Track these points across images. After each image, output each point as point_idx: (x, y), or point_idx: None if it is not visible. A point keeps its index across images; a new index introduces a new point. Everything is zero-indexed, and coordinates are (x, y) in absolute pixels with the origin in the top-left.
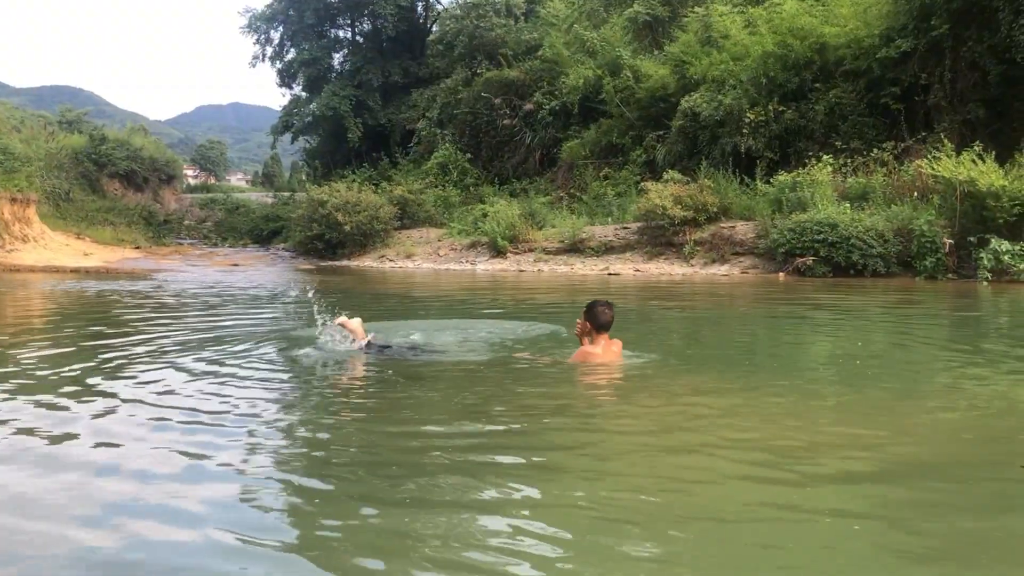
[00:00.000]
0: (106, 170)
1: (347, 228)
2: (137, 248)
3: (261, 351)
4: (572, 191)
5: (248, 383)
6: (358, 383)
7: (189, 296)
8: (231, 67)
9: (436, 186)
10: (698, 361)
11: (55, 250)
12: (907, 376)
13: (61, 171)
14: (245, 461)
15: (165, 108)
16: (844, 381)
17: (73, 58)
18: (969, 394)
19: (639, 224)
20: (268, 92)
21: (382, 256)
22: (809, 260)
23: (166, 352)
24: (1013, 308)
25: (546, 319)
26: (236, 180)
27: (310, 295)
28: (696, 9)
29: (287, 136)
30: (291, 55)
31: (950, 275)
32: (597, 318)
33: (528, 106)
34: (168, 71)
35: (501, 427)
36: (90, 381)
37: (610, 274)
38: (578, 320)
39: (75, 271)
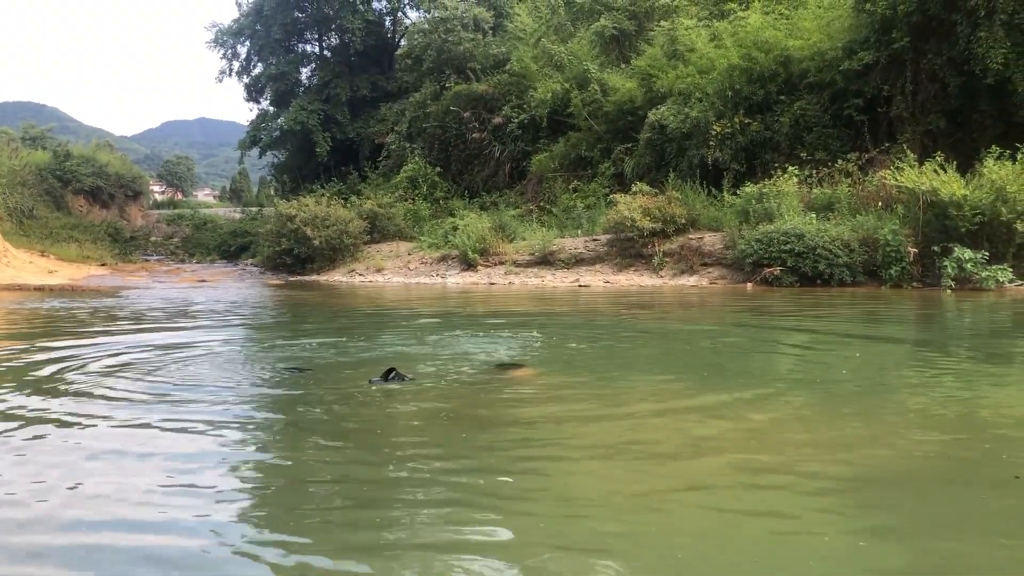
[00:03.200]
0: (71, 187)
1: (316, 243)
2: (103, 265)
3: (224, 371)
4: (542, 204)
5: (209, 404)
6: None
7: (153, 313)
8: (198, 82)
9: (406, 200)
10: (666, 373)
11: (18, 268)
12: (875, 387)
13: (25, 188)
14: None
15: (131, 124)
16: (813, 391)
17: (36, 74)
18: (936, 405)
19: (608, 236)
20: (235, 107)
21: (352, 270)
22: (776, 270)
23: (123, 372)
24: (976, 316)
25: (514, 329)
26: (203, 195)
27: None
28: (662, 23)
29: (255, 151)
30: (258, 70)
31: (915, 283)
32: None
33: (497, 120)
34: (134, 86)
35: (469, 447)
36: (35, 404)
37: (580, 286)
38: None
39: (39, 289)
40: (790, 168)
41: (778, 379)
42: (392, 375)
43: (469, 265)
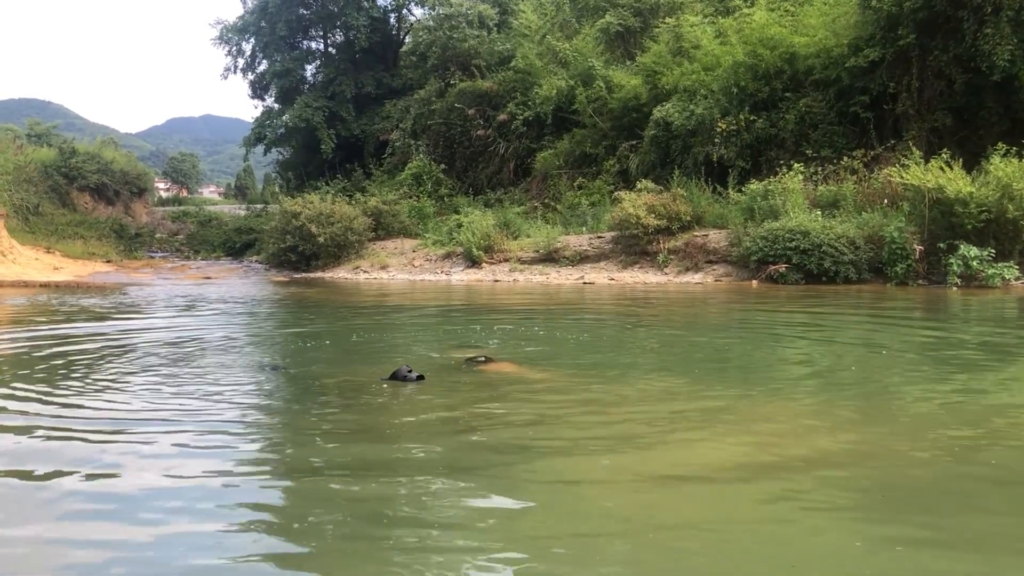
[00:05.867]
0: (76, 183)
1: (321, 240)
2: (108, 262)
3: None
4: (546, 201)
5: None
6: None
7: (154, 308)
8: (202, 79)
9: (410, 197)
10: (670, 371)
11: (24, 264)
12: (884, 386)
13: (30, 185)
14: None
15: (136, 121)
16: (822, 390)
17: (42, 71)
18: (946, 406)
19: (613, 233)
20: (240, 104)
21: (356, 267)
22: (782, 267)
23: (107, 365)
24: (982, 314)
25: (520, 324)
26: (208, 192)
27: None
28: (667, 20)
29: (260, 148)
30: (263, 67)
31: (920, 281)
32: None
33: (501, 117)
34: (139, 83)
35: (471, 441)
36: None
37: (585, 283)
38: None
39: (45, 285)
40: (795, 165)
41: (786, 378)
42: (403, 374)
43: (474, 262)
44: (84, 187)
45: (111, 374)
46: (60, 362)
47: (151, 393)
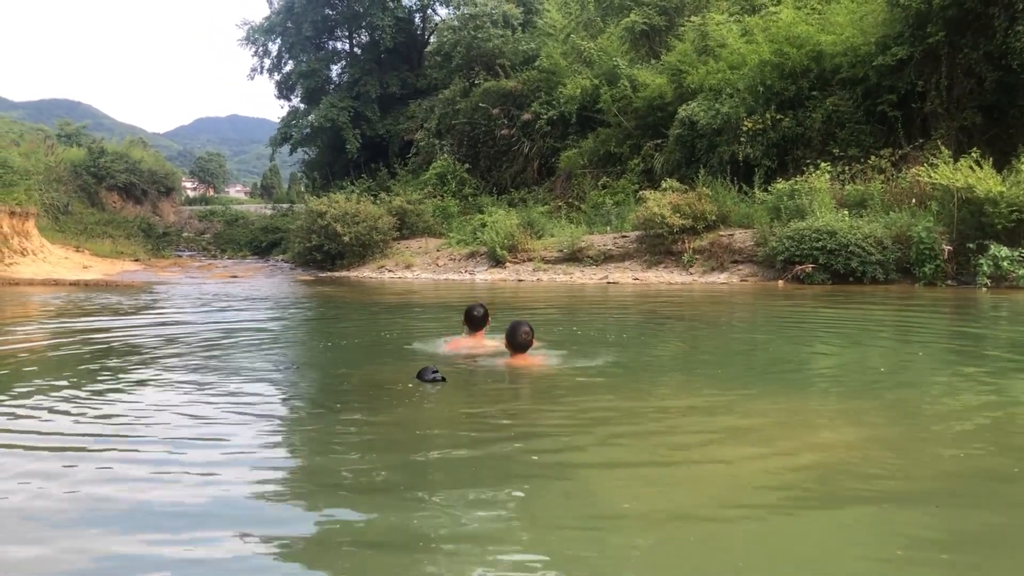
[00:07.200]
0: (105, 183)
1: (346, 239)
2: (136, 261)
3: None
4: (570, 200)
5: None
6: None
7: (189, 307)
8: (229, 79)
9: (435, 196)
10: (692, 370)
11: (54, 263)
12: (913, 389)
13: (60, 184)
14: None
15: (163, 121)
16: (852, 392)
17: (72, 71)
18: (974, 410)
19: (638, 233)
20: (266, 104)
21: (381, 266)
22: (808, 267)
23: (162, 368)
24: (1013, 315)
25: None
26: (235, 192)
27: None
28: (693, 18)
29: (286, 148)
30: (289, 67)
31: (949, 281)
32: (470, 317)
33: (526, 116)
34: (166, 84)
35: (481, 439)
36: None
37: (609, 283)
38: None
39: (74, 284)
40: (822, 165)
41: (813, 379)
42: (428, 375)
43: (497, 262)
44: (113, 186)
45: (129, 372)
46: (77, 361)
47: (168, 393)
